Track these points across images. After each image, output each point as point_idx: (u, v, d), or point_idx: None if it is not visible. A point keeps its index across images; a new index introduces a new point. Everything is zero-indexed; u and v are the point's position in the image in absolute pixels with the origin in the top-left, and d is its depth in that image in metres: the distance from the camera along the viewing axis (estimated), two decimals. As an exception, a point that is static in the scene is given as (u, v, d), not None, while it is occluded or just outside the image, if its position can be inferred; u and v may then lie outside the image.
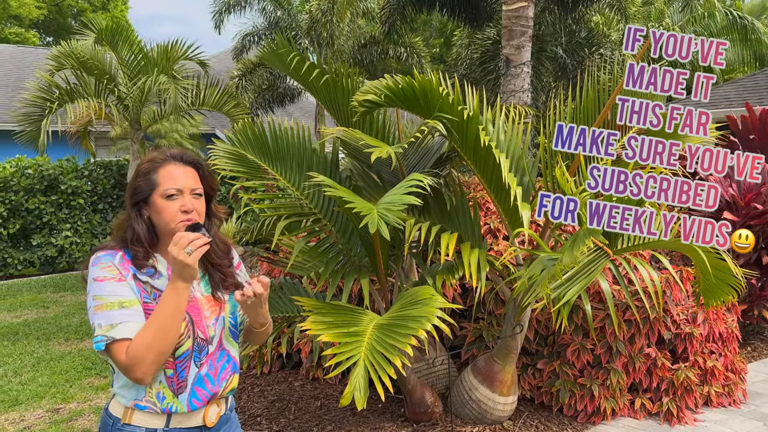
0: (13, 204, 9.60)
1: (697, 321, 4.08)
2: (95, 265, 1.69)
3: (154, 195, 1.73)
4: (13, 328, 6.57)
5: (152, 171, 1.75)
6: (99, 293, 1.65)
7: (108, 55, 9.52)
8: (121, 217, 1.81)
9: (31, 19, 28.07)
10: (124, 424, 1.71)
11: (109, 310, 1.63)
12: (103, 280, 1.66)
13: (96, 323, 1.63)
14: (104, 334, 1.62)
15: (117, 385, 1.73)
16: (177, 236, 1.63)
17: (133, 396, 1.70)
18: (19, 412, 4.32)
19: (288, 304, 3.56)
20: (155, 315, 1.64)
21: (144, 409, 1.70)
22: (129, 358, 1.61)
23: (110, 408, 1.75)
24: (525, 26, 6.69)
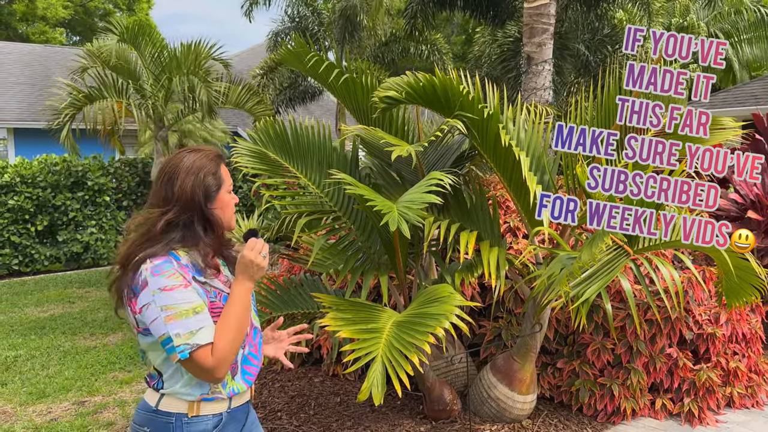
0: (41, 200, 9.79)
1: (720, 321, 4.03)
2: (157, 274, 1.66)
3: (221, 191, 1.81)
4: (40, 322, 6.71)
5: (217, 169, 1.82)
6: (169, 303, 1.65)
7: (132, 54, 9.67)
8: (141, 218, 1.78)
9: (57, 19, 28.55)
10: (192, 417, 1.74)
11: (184, 318, 1.65)
12: (172, 289, 1.66)
13: (172, 333, 1.63)
14: (187, 342, 1.64)
15: (178, 385, 1.74)
16: (252, 242, 1.78)
17: (199, 392, 1.75)
18: (46, 404, 4.42)
19: (308, 300, 3.59)
20: (230, 315, 1.72)
21: (212, 400, 1.76)
22: (216, 360, 1.66)
23: (163, 407, 1.75)
24: (546, 23, 6.65)
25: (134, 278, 1.69)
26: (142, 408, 1.80)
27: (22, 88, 15.74)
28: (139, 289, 1.67)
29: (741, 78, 17.84)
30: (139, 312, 1.68)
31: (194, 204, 1.76)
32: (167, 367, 1.75)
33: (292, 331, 2.13)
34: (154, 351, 1.75)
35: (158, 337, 1.66)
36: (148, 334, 1.72)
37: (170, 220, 1.74)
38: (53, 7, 27.50)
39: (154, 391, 1.78)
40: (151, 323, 1.66)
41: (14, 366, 5.26)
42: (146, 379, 1.84)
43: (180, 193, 1.75)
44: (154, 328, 1.66)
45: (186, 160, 1.79)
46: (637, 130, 3.69)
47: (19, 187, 9.60)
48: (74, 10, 29.37)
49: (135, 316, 1.71)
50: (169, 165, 1.81)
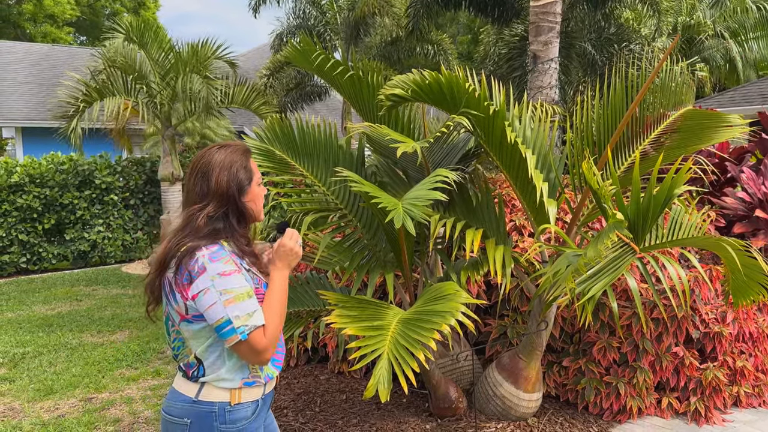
0: (48, 199, 9.84)
1: (727, 320, 4.02)
2: (216, 260, 1.73)
3: (252, 184, 1.89)
4: (47, 320, 6.75)
5: (248, 162, 1.89)
6: (229, 287, 1.71)
7: (139, 54, 9.71)
8: (178, 219, 1.86)
9: (65, 18, 28.69)
10: (235, 405, 1.80)
11: (242, 301, 1.72)
12: (230, 274, 1.73)
13: (231, 315, 1.70)
14: (245, 324, 1.71)
15: (222, 370, 1.79)
16: (290, 231, 1.91)
17: (240, 376, 1.81)
18: (54, 400, 4.45)
19: (314, 298, 3.60)
20: (275, 299, 1.82)
21: (252, 384, 1.83)
22: (269, 340, 1.75)
23: (204, 397, 1.79)
24: (553, 22, 6.64)
25: (190, 264, 1.73)
26: (177, 399, 1.82)
27: (30, 88, 15.83)
28: (196, 275, 1.72)
29: (746, 76, 17.75)
30: (194, 298, 1.73)
31: (229, 197, 1.83)
32: (209, 354, 1.79)
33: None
34: (197, 338, 1.79)
35: (215, 321, 1.71)
36: (195, 321, 1.76)
37: (210, 214, 1.81)
38: (61, 5, 27.64)
39: (192, 381, 1.81)
40: (208, 308, 1.71)
41: (22, 363, 5.30)
42: (181, 369, 1.85)
43: (216, 188, 1.82)
44: (213, 311, 1.71)
45: (217, 156, 1.86)
46: (644, 127, 3.69)
47: (28, 186, 9.65)
48: (81, 10, 29.51)
49: (186, 303, 1.75)
50: (202, 161, 1.87)
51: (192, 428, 1.78)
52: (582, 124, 3.64)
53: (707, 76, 17.08)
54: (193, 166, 1.88)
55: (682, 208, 3.37)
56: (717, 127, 3.57)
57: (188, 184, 1.88)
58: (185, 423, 1.79)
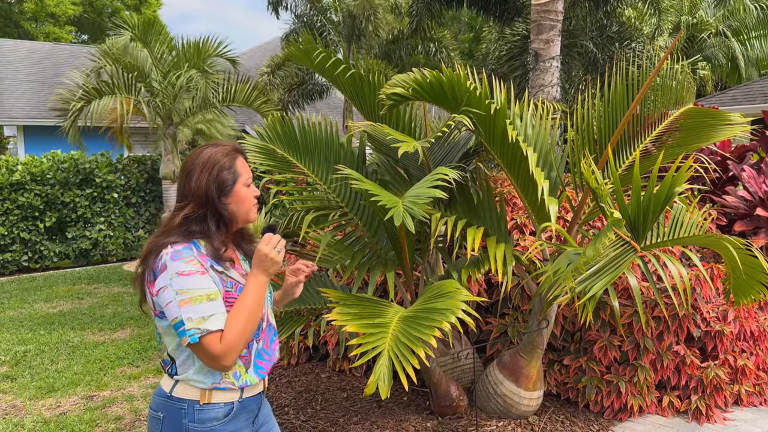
0: (50, 197, 9.86)
1: (728, 319, 4.02)
2: (177, 259, 1.70)
3: (237, 185, 1.84)
4: (49, 318, 6.76)
5: (233, 163, 1.85)
6: (185, 287, 1.69)
7: (141, 52, 9.72)
8: (167, 215, 1.85)
9: (67, 17, 28.70)
10: (204, 404, 1.78)
11: (198, 303, 1.68)
12: (189, 274, 1.70)
13: (184, 316, 1.67)
14: (197, 327, 1.67)
15: (190, 372, 1.77)
16: (268, 236, 1.82)
17: (210, 380, 1.79)
18: (56, 398, 4.46)
19: (315, 296, 3.61)
20: (242, 305, 1.75)
21: (223, 389, 1.81)
22: (224, 347, 1.69)
23: (177, 393, 1.78)
24: (554, 20, 6.64)
25: (155, 262, 1.73)
26: (157, 393, 1.84)
27: (32, 86, 15.84)
28: (159, 272, 1.71)
29: (747, 75, 17.73)
30: (156, 294, 1.72)
31: (208, 199, 1.79)
32: (180, 353, 1.79)
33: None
34: (168, 335, 1.79)
35: (171, 320, 1.70)
36: (164, 318, 1.75)
37: (186, 215, 1.78)
38: (63, 4, 27.66)
39: (169, 377, 1.82)
40: (165, 306, 1.70)
41: (24, 361, 5.31)
42: (161, 364, 1.88)
43: (195, 189, 1.79)
44: (169, 310, 1.70)
45: (202, 156, 1.83)
46: (645, 125, 3.68)
47: (30, 185, 9.66)
48: (83, 8, 29.52)
49: (153, 299, 1.75)
50: (189, 161, 1.85)
51: (164, 423, 1.79)
52: (583, 123, 3.64)
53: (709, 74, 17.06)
54: (183, 164, 1.86)
55: (683, 206, 3.37)
56: (718, 125, 3.56)
57: (178, 182, 1.88)
58: (159, 417, 1.80)
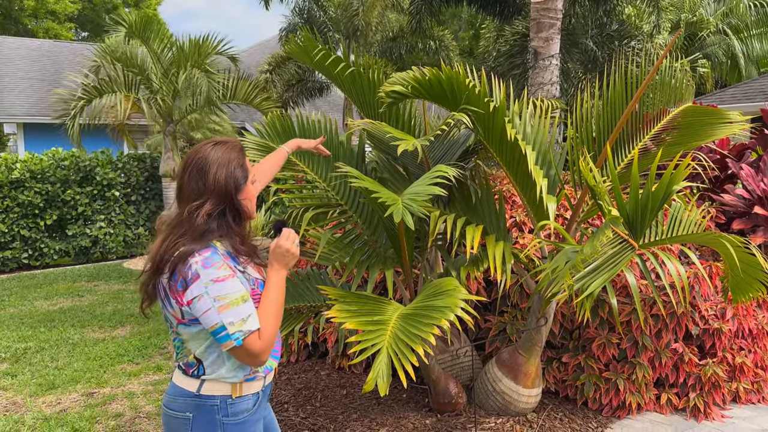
0: (50, 195, 9.86)
1: (726, 317, 4.03)
2: (209, 266, 1.71)
3: (247, 182, 1.87)
4: (49, 315, 6.78)
5: (244, 160, 1.88)
6: (222, 293, 1.70)
7: (141, 49, 9.72)
8: (174, 214, 1.84)
9: (67, 14, 28.69)
10: (237, 398, 1.82)
11: (236, 306, 1.71)
12: (223, 280, 1.71)
13: (225, 321, 1.69)
14: (240, 329, 1.70)
15: (223, 370, 1.80)
16: (287, 231, 1.87)
17: (242, 373, 1.83)
18: (56, 395, 4.48)
19: (314, 293, 3.62)
20: (270, 301, 1.81)
21: (253, 379, 1.85)
22: (264, 344, 1.74)
23: (206, 391, 1.80)
24: (554, 18, 6.64)
25: (184, 271, 1.72)
26: (179, 394, 1.83)
27: (32, 84, 15.84)
28: (190, 281, 1.71)
29: (747, 73, 17.73)
30: (189, 304, 1.72)
31: (227, 195, 1.81)
32: (209, 355, 1.80)
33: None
34: (196, 340, 1.80)
35: (210, 327, 1.71)
36: (192, 325, 1.77)
37: (209, 212, 1.78)
38: (62, 1, 27.64)
39: (193, 378, 1.82)
40: (203, 314, 1.71)
41: (24, 358, 5.32)
42: (181, 368, 1.86)
43: (214, 185, 1.79)
44: (207, 318, 1.71)
45: (214, 153, 1.83)
46: (644, 123, 3.69)
47: (29, 182, 9.67)
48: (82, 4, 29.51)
49: (182, 308, 1.75)
50: (197, 157, 1.83)
51: (194, 422, 1.80)
52: (582, 121, 3.64)
53: (709, 72, 17.06)
54: (188, 163, 1.83)
55: (682, 204, 3.37)
56: (716, 123, 3.57)
57: (181, 180, 1.84)
58: (187, 417, 1.80)
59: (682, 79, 3.81)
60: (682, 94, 3.86)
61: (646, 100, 3.72)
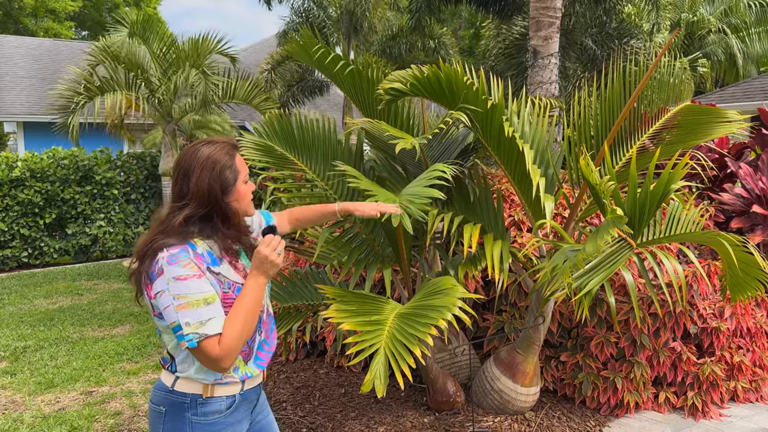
0: (50, 194, 9.86)
1: (725, 315, 4.03)
2: (174, 263, 1.69)
3: (238, 183, 1.84)
4: (49, 314, 6.78)
5: (233, 161, 1.84)
6: (182, 292, 1.68)
7: (140, 48, 9.71)
8: (163, 212, 1.83)
9: (67, 12, 28.67)
10: (207, 398, 1.81)
11: (195, 308, 1.68)
12: (186, 279, 1.69)
13: (182, 321, 1.68)
14: (195, 332, 1.68)
15: (191, 370, 1.79)
16: (268, 238, 1.80)
17: (212, 377, 1.81)
18: (55, 393, 4.48)
19: (313, 292, 3.62)
20: (241, 307, 1.75)
21: (225, 384, 1.83)
22: (223, 350, 1.70)
23: (179, 387, 1.80)
24: (553, 17, 6.64)
25: (151, 265, 1.72)
26: (158, 388, 1.85)
27: (32, 83, 15.84)
28: (155, 275, 1.71)
29: (746, 72, 17.72)
30: (154, 297, 1.73)
31: (211, 199, 1.79)
32: (179, 352, 1.81)
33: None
34: (168, 334, 1.80)
35: (169, 323, 1.71)
36: (163, 318, 1.76)
37: (188, 216, 1.76)
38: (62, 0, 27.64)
39: (169, 372, 1.83)
40: (164, 309, 1.70)
41: (23, 356, 5.33)
42: (160, 361, 1.89)
43: (196, 189, 1.77)
44: (166, 314, 1.70)
45: (201, 155, 1.80)
46: (642, 122, 3.69)
47: (29, 181, 9.67)
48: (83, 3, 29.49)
49: (151, 301, 1.75)
50: (185, 159, 1.81)
51: (167, 416, 1.81)
52: (580, 120, 3.64)
53: (708, 72, 17.05)
54: (178, 163, 1.82)
55: (680, 203, 3.37)
56: (715, 122, 3.57)
57: (173, 179, 1.85)
58: (161, 411, 1.82)
59: (681, 78, 3.81)
60: (681, 92, 3.86)
61: (645, 98, 3.71)
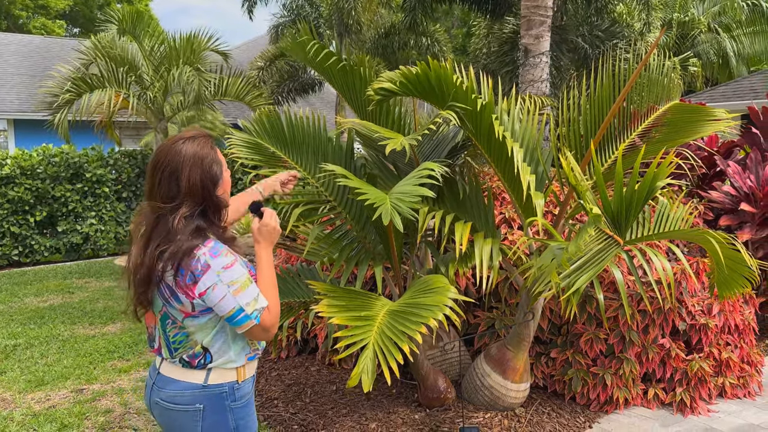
0: (40, 191, 9.82)
1: (713, 312, 4.07)
2: (217, 255, 1.76)
3: (223, 173, 1.89)
4: (39, 312, 6.76)
5: (216, 153, 1.88)
6: (234, 278, 1.77)
7: (132, 45, 9.68)
8: (140, 217, 1.82)
9: (58, 10, 28.50)
10: (242, 382, 1.89)
11: (247, 288, 1.79)
12: (231, 265, 1.78)
13: (242, 303, 1.77)
14: (256, 308, 1.79)
15: (231, 353, 1.86)
16: (269, 211, 1.94)
17: (245, 353, 1.89)
18: (45, 391, 4.47)
19: (304, 289, 3.62)
20: (267, 277, 1.89)
21: (254, 358, 1.93)
22: (273, 317, 1.83)
23: (213, 380, 1.84)
24: (544, 16, 6.66)
25: (191, 264, 1.74)
26: (186, 388, 1.83)
27: (22, 80, 15.74)
28: (201, 273, 1.74)
29: (738, 72, 17.83)
30: (200, 296, 1.75)
31: (205, 194, 1.82)
32: (215, 341, 1.84)
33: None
34: (203, 330, 1.83)
35: (227, 312, 1.76)
36: (202, 316, 1.80)
37: (185, 215, 1.77)
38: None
39: (198, 369, 1.84)
40: (219, 301, 1.76)
41: (13, 354, 5.31)
42: (184, 360, 1.85)
43: (188, 187, 1.78)
44: (224, 304, 1.76)
45: (185, 152, 1.79)
46: (632, 120, 3.72)
47: (20, 179, 9.62)
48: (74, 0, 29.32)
49: (193, 301, 1.77)
50: (167, 158, 1.78)
51: (206, 412, 1.84)
52: (569, 118, 3.66)
53: (699, 71, 17.15)
54: (158, 162, 1.78)
55: (668, 201, 3.40)
56: (703, 120, 3.60)
57: (152, 179, 1.78)
58: (198, 408, 1.83)
59: (670, 76, 3.84)
60: (670, 91, 3.89)
61: (635, 97, 3.74)
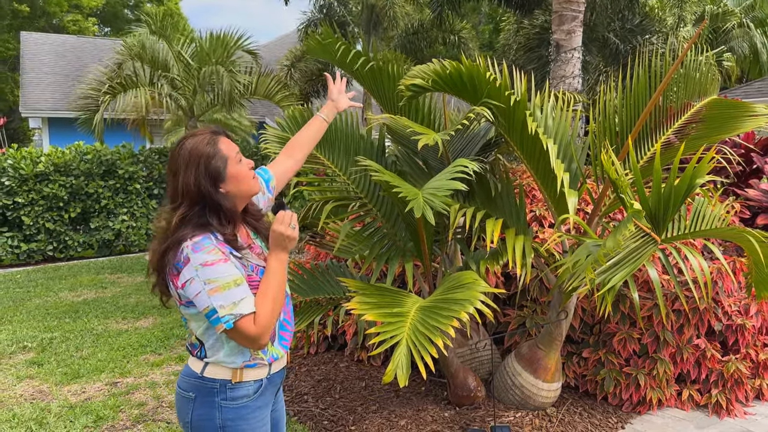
0: (74, 188, 10.01)
1: (750, 313, 3.98)
2: (198, 251, 1.72)
3: (229, 167, 1.83)
4: (74, 306, 6.89)
5: (216, 148, 1.82)
6: (211, 276, 1.71)
7: (162, 45, 9.81)
8: (167, 215, 1.82)
9: (91, 8, 29.00)
10: (236, 383, 1.85)
11: (226, 290, 1.71)
12: (213, 264, 1.72)
13: (216, 304, 1.71)
14: (230, 313, 1.71)
15: (221, 354, 1.82)
16: (281, 215, 1.83)
17: (241, 359, 1.84)
18: (81, 384, 4.56)
19: (334, 286, 3.64)
20: (269, 285, 1.80)
21: (254, 366, 1.86)
22: (259, 328, 1.73)
23: (208, 374, 1.83)
24: (576, 11, 6.58)
25: (176, 255, 1.75)
26: (186, 374, 1.88)
27: (56, 79, 16.07)
28: (182, 265, 1.73)
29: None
30: (182, 287, 1.75)
31: (202, 195, 1.78)
32: (209, 337, 1.83)
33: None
34: (196, 321, 1.83)
35: (202, 310, 1.73)
36: (190, 306, 1.79)
37: (183, 215, 1.77)
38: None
39: (198, 359, 1.86)
40: (194, 297, 1.73)
41: (50, 347, 5.43)
42: (188, 348, 1.92)
43: (184, 188, 1.78)
44: (198, 301, 1.73)
45: (183, 152, 1.80)
46: (667, 117, 3.65)
47: (53, 175, 9.82)
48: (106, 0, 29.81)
49: (178, 291, 1.78)
50: (171, 158, 1.83)
51: (196, 402, 1.84)
52: (604, 114, 3.61)
53: (734, 66, 16.77)
54: (168, 163, 1.84)
55: (705, 199, 3.33)
56: (741, 116, 3.52)
57: (166, 182, 1.86)
58: (191, 397, 1.85)
59: (707, 73, 3.76)
60: (707, 87, 3.81)
61: (670, 93, 3.67)
